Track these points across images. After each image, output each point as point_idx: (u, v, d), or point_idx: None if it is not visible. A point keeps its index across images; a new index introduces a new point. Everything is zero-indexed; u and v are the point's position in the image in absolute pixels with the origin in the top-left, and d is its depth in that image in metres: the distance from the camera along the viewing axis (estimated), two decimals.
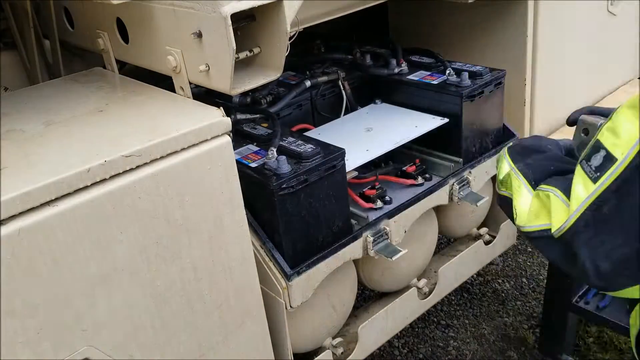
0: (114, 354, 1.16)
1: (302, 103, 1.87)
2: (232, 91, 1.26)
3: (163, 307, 1.21)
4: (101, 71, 1.59)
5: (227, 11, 1.13)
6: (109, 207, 1.08)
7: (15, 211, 0.98)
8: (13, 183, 1.01)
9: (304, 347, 1.68)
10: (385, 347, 2.43)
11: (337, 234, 1.54)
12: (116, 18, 1.47)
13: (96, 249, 1.08)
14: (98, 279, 1.10)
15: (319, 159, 1.44)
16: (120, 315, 1.15)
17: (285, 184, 1.37)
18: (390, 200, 1.71)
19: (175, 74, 1.36)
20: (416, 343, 2.47)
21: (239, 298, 1.35)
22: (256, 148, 1.53)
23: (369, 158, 1.64)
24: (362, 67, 2.01)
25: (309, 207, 1.45)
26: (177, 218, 1.18)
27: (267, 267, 1.44)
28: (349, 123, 1.86)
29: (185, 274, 1.23)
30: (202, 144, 1.19)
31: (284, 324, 1.49)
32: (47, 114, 1.32)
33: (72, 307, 1.08)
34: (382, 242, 1.61)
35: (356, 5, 1.67)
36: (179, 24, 1.27)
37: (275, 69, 1.31)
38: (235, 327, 1.36)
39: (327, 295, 1.64)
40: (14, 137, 1.22)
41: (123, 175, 1.10)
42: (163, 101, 1.35)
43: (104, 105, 1.34)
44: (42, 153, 1.13)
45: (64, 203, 1.03)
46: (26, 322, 1.02)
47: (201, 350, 1.31)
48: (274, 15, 1.22)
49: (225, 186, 1.24)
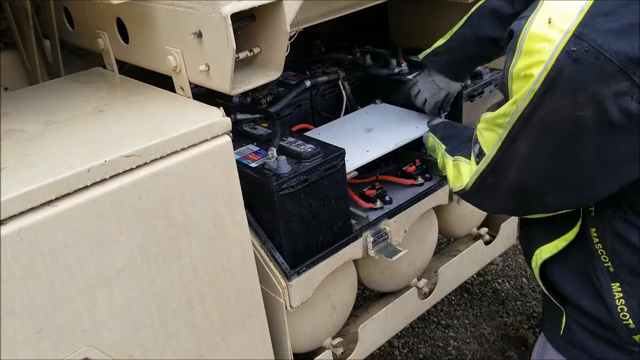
0: (114, 354, 1.16)
1: (302, 103, 1.87)
2: (232, 91, 1.26)
3: (163, 307, 1.21)
4: (101, 71, 1.59)
5: (227, 11, 1.13)
6: (109, 207, 1.08)
7: (15, 211, 0.98)
8: (13, 183, 1.01)
9: (304, 347, 1.68)
10: (385, 347, 2.43)
11: (337, 234, 1.54)
12: (116, 18, 1.47)
13: (96, 249, 1.08)
14: (98, 278, 1.10)
15: (319, 159, 1.44)
16: (120, 315, 1.15)
17: (285, 184, 1.37)
18: (390, 200, 1.71)
19: (175, 74, 1.36)
20: (416, 343, 2.47)
21: (239, 298, 1.35)
22: (256, 148, 1.53)
23: (369, 159, 1.64)
24: (362, 67, 2.01)
25: (309, 207, 1.45)
26: (177, 218, 1.18)
27: (267, 267, 1.44)
28: (349, 123, 1.85)
29: (185, 274, 1.23)
30: (202, 144, 1.19)
31: (284, 324, 1.49)
32: (47, 114, 1.32)
33: (72, 307, 1.08)
34: (382, 242, 1.61)
35: (356, 5, 1.67)
36: (179, 24, 1.27)
37: (275, 69, 1.31)
38: (235, 327, 1.36)
39: (327, 295, 1.64)
40: (14, 137, 1.22)
41: (123, 175, 1.10)
42: (163, 101, 1.34)
43: (104, 105, 1.34)
44: (42, 153, 1.13)
45: (64, 203, 1.03)
46: (26, 322, 1.03)
47: (201, 350, 1.31)
48: (274, 15, 1.22)
49: (225, 186, 1.24)
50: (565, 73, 0.85)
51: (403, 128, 1.77)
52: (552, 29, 0.86)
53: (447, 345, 2.44)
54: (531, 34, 0.89)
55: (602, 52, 0.82)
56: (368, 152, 1.65)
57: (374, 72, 1.99)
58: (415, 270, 1.92)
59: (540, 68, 0.87)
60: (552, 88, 0.87)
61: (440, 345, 2.44)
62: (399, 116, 1.86)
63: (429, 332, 2.52)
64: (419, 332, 2.51)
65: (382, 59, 2.03)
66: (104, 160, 1.07)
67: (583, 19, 0.84)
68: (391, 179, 1.80)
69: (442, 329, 2.52)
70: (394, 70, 1.95)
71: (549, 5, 0.89)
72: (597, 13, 0.83)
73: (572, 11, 0.85)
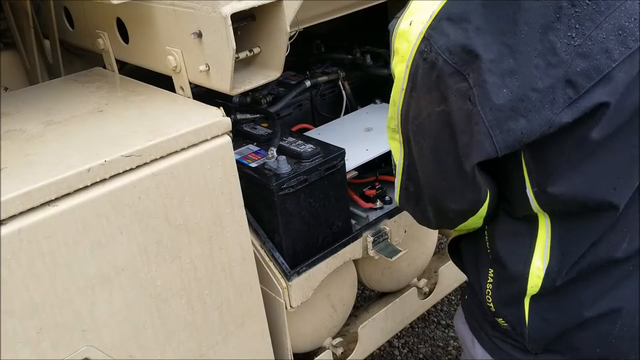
0: (114, 354, 1.16)
1: (302, 103, 1.87)
2: (232, 91, 1.26)
3: (163, 307, 1.21)
4: (101, 71, 1.59)
5: (227, 11, 1.13)
6: (109, 207, 1.08)
7: (15, 211, 0.98)
8: (13, 183, 1.01)
9: (304, 347, 1.68)
10: (385, 347, 2.43)
11: (337, 234, 1.54)
12: (116, 18, 1.47)
13: (96, 249, 1.08)
14: (98, 279, 1.10)
15: (319, 159, 1.44)
16: (120, 315, 1.15)
17: (285, 184, 1.37)
18: (390, 200, 1.71)
19: (175, 74, 1.36)
20: (416, 343, 2.47)
21: (239, 298, 1.35)
22: (256, 148, 1.53)
23: (369, 158, 1.64)
24: (362, 67, 2.01)
25: (309, 207, 1.45)
26: (177, 218, 1.18)
27: (267, 267, 1.44)
28: (349, 123, 1.85)
29: (185, 274, 1.23)
30: (202, 144, 1.19)
31: (284, 324, 1.49)
32: (47, 114, 1.32)
33: (72, 307, 1.08)
34: (382, 242, 1.61)
35: (356, 5, 1.67)
36: (179, 24, 1.27)
37: (275, 69, 1.31)
38: (235, 327, 1.36)
39: (327, 295, 1.64)
40: (14, 137, 1.22)
41: (123, 175, 1.10)
42: (163, 101, 1.34)
43: (104, 105, 1.34)
44: (42, 153, 1.13)
45: (64, 203, 1.03)
46: (26, 322, 1.03)
47: (201, 350, 1.31)
48: (274, 15, 1.23)
49: (225, 186, 1.24)
50: (420, 72, 0.91)
51: None
52: (411, 30, 0.92)
53: (447, 345, 2.44)
54: (398, 33, 0.95)
55: (441, 53, 0.87)
56: (368, 151, 1.65)
57: (374, 72, 1.99)
58: (415, 270, 1.92)
59: (404, 66, 0.93)
60: (414, 86, 0.93)
61: (440, 345, 2.44)
62: None
63: (429, 332, 2.52)
64: (419, 332, 2.51)
65: (382, 59, 2.03)
66: (104, 160, 1.07)
67: (432, 21, 0.89)
68: (391, 179, 1.80)
69: (442, 329, 2.52)
70: None
71: (413, 7, 0.94)
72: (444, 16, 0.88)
73: (427, 14, 0.90)
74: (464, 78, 0.87)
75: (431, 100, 0.91)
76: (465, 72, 0.86)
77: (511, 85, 0.85)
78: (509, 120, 0.86)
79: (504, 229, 1.07)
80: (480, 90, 0.86)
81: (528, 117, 0.85)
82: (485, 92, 0.85)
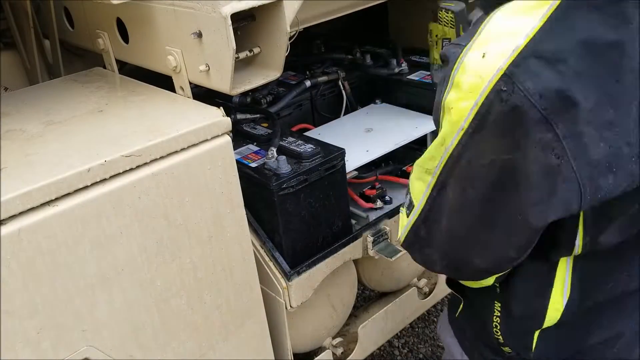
0: (114, 354, 1.16)
1: (302, 103, 1.87)
2: (232, 91, 1.26)
3: (163, 307, 1.21)
4: (101, 71, 1.59)
5: (227, 11, 1.13)
6: (109, 207, 1.08)
7: (15, 211, 0.98)
8: (13, 183, 1.01)
9: (304, 347, 1.68)
10: (385, 347, 2.43)
11: (337, 234, 1.54)
12: (116, 18, 1.47)
13: (96, 249, 1.08)
14: (98, 278, 1.10)
15: (319, 159, 1.44)
16: (120, 315, 1.15)
17: (285, 184, 1.37)
18: (390, 200, 1.71)
19: (175, 74, 1.36)
20: (416, 343, 2.47)
21: (239, 298, 1.35)
22: (256, 148, 1.53)
23: (369, 158, 1.64)
24: (362, 67, 2.01)
25: (309, 207, 1.45)
26: (177, 218, 1.18)
27: (267, 267, 1.44)
28: (349, 123, 1.85)
29: (185, 274, 1.23)
30: (202, 144, 1.19)
31: (284, 324, 1.49)
32: (47, 114, 1.32)
33: (72, 307, 1.08)
34: (382, 242, 1.61)
35: (356, 5, 1.67)
36: (179, 24, 1.27)
37: (275, 69, 1.31)
38: (235, 327, 1.36)
39: (327, 295, 1.64)
40: (14, 137, 1.22)
41: (123, 175, 1.10)
42: (163, 101, 1.35)
43: (104, 105, 1.34)
44: (42, 153, 1.13)
45: (64, 203, 1.03)
46: (26, 322, 1.03)
47: (201, 350, 1.31)
48: (274, 15, 1.23)
49: (225, 186, 1.24)
50: (493, 113, 0.78)
51: (403, 128, 1.77)
52: (485, 65, 0.79)
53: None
54: (464, 64, 0.82)
55: (528, 96, 0.75)
56: (368, 152, 1.65)
57: (374, 72, 1.99)
58: (415, 270, 1.92)
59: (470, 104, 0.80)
60: (481, 128, 0.80)
61: (440, 345, 2.44)
62: (399, 116, 1.86)
63: (429, 332, 2.51)
64: (419, 332, 2.51)
65: (382, 59, 2.03)
66: (104, 160, 1.07)
67: (516, 57, 0.76)
68: (391, 179, 1.80)
69: None
70: (394, 70, 1.95)
71: (485, 35, 0.82)
72: (532, 53, 0.76)
73: (507, 48, 0.77)
74: (550, 128, 0.76)
75: (500, 146, 0.80)
76: (553, 121, 0.75)
77: (609, 138, 0.76)
78: (600, 176, 0.78)
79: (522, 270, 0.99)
80: (574, 143, 0.76)
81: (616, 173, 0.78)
82: (582, 145, 0.76)
